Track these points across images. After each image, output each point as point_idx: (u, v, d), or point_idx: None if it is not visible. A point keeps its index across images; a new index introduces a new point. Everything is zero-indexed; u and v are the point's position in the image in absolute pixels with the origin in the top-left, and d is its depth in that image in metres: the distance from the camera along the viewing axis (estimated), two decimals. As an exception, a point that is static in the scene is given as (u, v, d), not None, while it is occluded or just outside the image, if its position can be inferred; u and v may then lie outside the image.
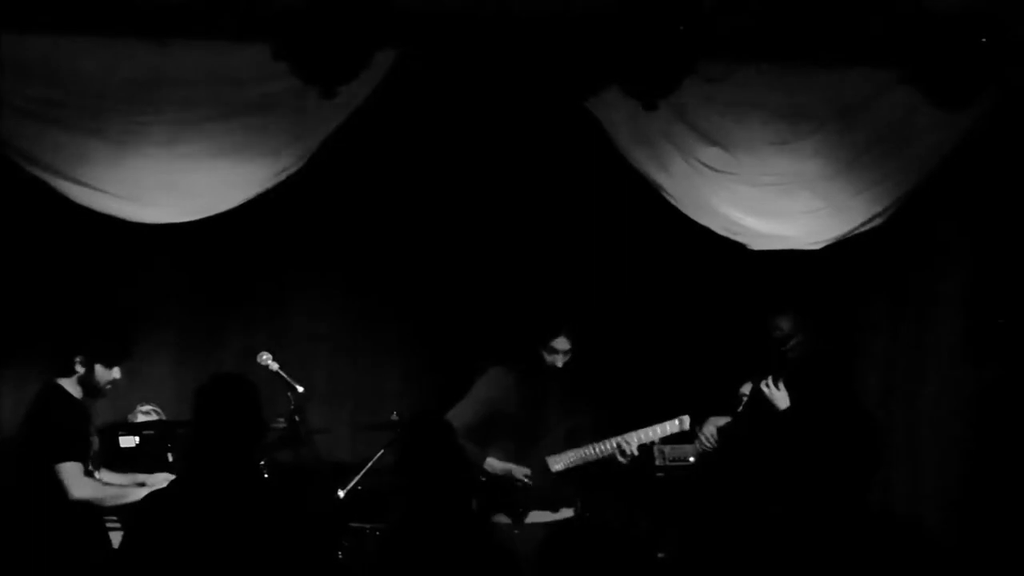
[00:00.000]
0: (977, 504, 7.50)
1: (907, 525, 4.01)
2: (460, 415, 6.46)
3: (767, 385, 6.74)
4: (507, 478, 6.50)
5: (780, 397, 6.70)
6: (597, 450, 6.57)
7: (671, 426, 6.64)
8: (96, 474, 6.06)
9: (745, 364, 7.05)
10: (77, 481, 5.81)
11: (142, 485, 6.00)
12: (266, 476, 6.23)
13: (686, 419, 6.64)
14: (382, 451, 6.52)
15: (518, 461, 6.54)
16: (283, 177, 6.63)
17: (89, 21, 6.27)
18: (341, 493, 6.49)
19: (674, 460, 7.19)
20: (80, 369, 5.97)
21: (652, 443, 6.73)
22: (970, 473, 7.59)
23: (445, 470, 4.24)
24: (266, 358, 6.58)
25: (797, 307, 7.01)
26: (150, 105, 6.41)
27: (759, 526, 6.27)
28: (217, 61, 6.45)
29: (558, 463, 6.56)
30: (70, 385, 5.98)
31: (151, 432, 6.68)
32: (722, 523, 6.64)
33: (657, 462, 7.16)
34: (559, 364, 6.53)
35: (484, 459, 6.50)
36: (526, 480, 6.47)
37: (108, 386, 6.05)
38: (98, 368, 5.98)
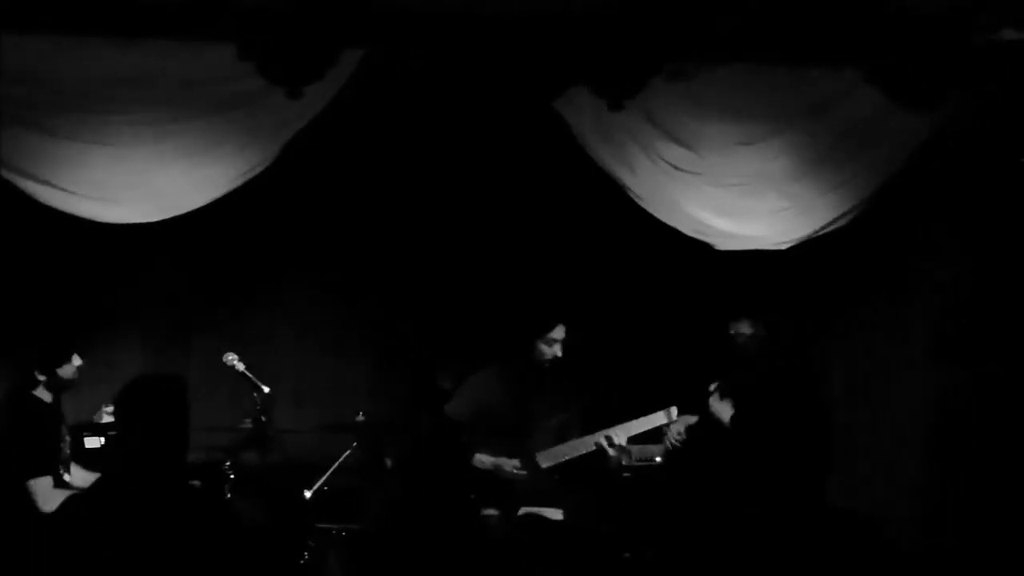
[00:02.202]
0: (943, 505, 7.52)
1: (868, 525, 4.03)
2: (456, 409, 6.52)
3: (713, 398, 6.72)
4: (497, 472, 6.50)
5: (722, 410, 6.67)
6: (586, 443, 6.57)
7: (659, 417, 6.64)
8: (66, 476, 6.07)
9: (719, 363, 7.06)
10: (47, 496, 5.90)
11: None
12: (230, 476, 6.25)
13: (673, 410, 6.63)
14: (348, 452, 6.52)
15: (509, 457, 6.54)
16: (249, 177, 6.63)
17: (55, 20, 6.27)
18: (307, 494, 6.48)
19: (641, 460, 7.19)
20: (42, 377, 6.13)
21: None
22: (936, 474, 7.60)
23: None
24: (232, 358, 6.58)
25: (758, 311, 7.00)
26: (116, 104, 6.41)
27: (723, 525, 6.32)
28: (183, 61, 6.44)
29: (547, 458, 6.57)
30: (40, 391, 6.02)
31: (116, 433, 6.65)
32: (687, 523, 6.66)
33: (624, 462, 7.16)
34: (558, 354, 6.54)
35: (473, 455, 6.51)
36: (516, 472, 6.48)
37: (76, 376, 6.20)
38: (58, 370, 6.11)
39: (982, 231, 7.62)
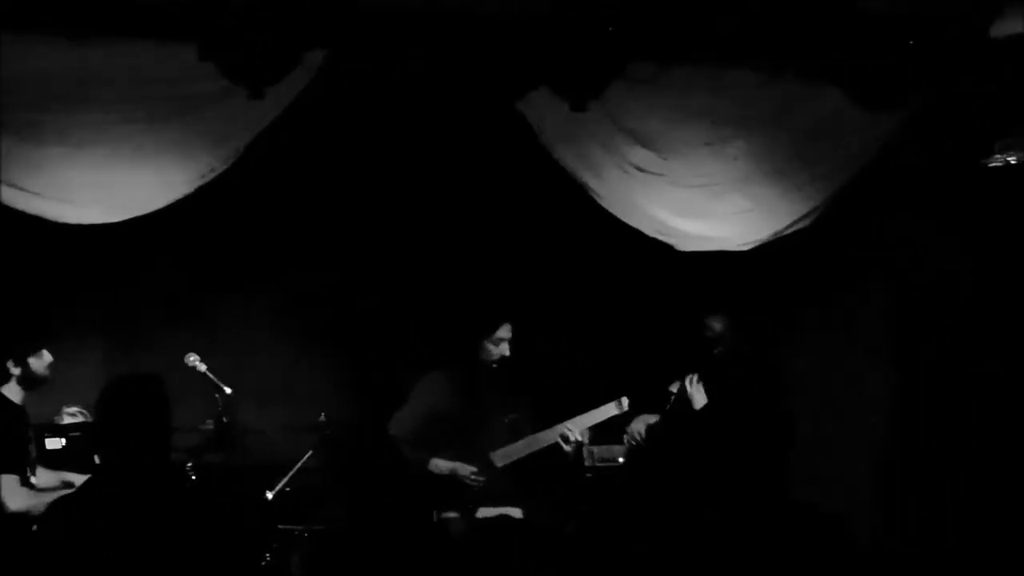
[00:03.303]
0: (904, 502, 7.58)
1: (829, 520, 4.07)
2: (401, 423, 6.53)
3: (689, 383, 6.78)
4: (454, 476, 6.50)
5: (698, 396, 6.74)
6: (539, 440, 6.59)
7: (610, 409, 6.65)
8: (32, 478, 6.04)
9: (677, 362, 7.09)
10: (12, 494, 5.85)
11: (70, 485, 5.98)
12: (192, 478, 6.22)
13: (624, 400, 6.64)
14: (310, 452, 6.52)
15: (464, 460, 6.55)
16: (211, 177, 6.60)
17: (11, 18, 6.21)
18: (269, 495, 6.48)
19: (603, 460, 7.22)
20: (16, 370, 6.06)
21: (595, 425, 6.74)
22: (897, 471, 7.66)
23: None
24: (193, 359, 6.56)
25: (729, 308, 7.05)
26: (76, 105, 6.36)
27: (684, 525, 6.36)
28: (143, 61, 6.39)
29: (501, 458, 6.58)
30: (9, 390, 6.00)
31: (77, 434, 6.63)
32: (649, 523, 6.68)
33: (586, 463, 7.19)
34: (506, 353, 6.54)
35: (429, 461, 6.50)
36: (472, 478, 6.48)
37: (48, 371, 6.14)
38: (31, 361, 6.07)
39: (943, 231, 7.67)
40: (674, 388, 6.93)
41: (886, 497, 7.64)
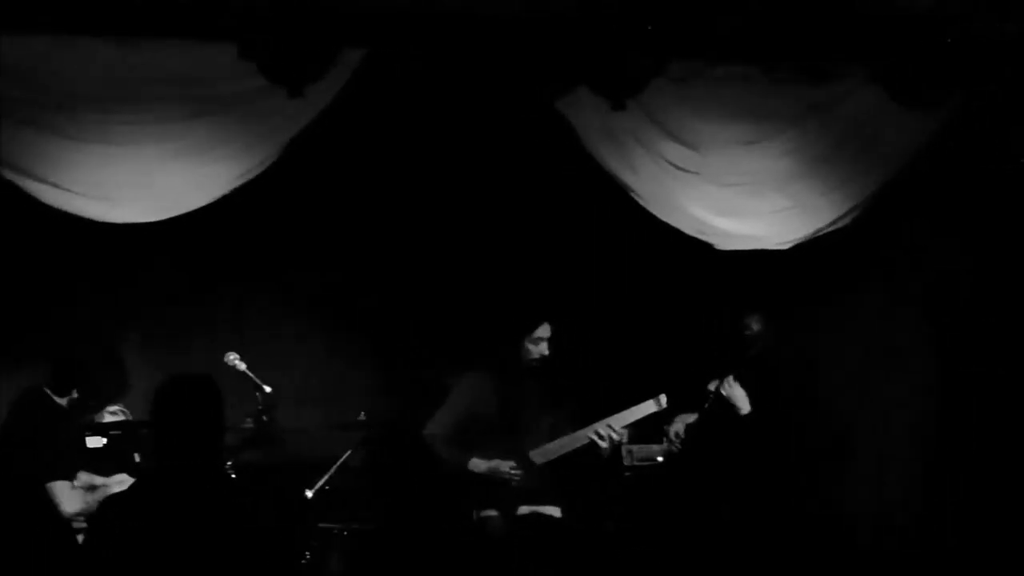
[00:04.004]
0: (939, 506, 7.53)
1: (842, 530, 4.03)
2: (440, 422, 6.51)
3: (727, 384, 6.75)
4: (493, 474, 6.50)
5: (740, 397, 6.71)
6: (578, 438, 6.57)
7: (648, 406, 6.61)
8: (76, 482, 6.12)
9: (713, 360, 7.06)
10: (67, 498, 5.98)
11: (94, 488, 6.11)
12: (232, 477, 6.23)
13: (663, 398, 6.58)
14: (350, 451, 6.52)
15: (503, 458, 6.54)
16: (250, 177, 6.64)
17: (54, 20, 6.27)
18: (309, 493, 6.49)
19: (642, 460, 7.20)
20: (74, 394, 6.26)
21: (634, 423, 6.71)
22: (932, 474, 7.62)
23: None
24: (233, 358, 6.57)
25: (767, 307, 7.03)
26: (117, 104, 6.42)
27: (722, 526, 6.35)
28: (184, 60, 6.44)
29: (540, 456, 6.57)
30: (59, 398, 6.11)
31: (118, 432, 6.65)
32: (689, 522, 6.67)
33: (625, 462, 7.17)
34: (545, 352, 6.53)
35: (469, 460, 6.50)
36: (512, 473, 6.47)
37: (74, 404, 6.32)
38: (56, 399, 6.25)
39: (983, 229, 7.62)
40: (712, 387, 6.91)
41: (926, 501, 7.59)
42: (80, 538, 5.85)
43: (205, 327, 7.48)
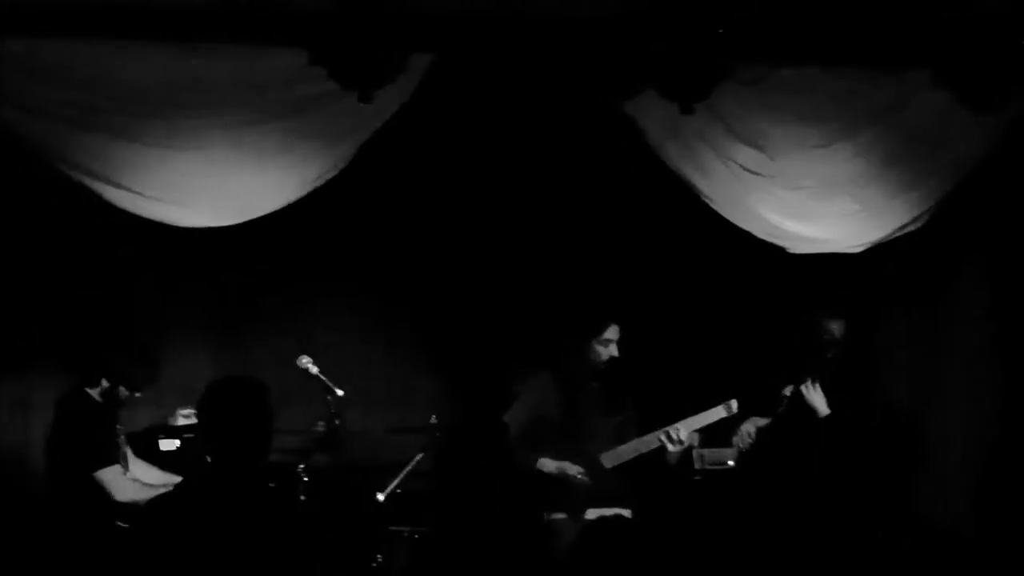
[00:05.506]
0: (1002, 510, 7.44)
1: (946, 534, 3.98)
2: (511, 421, 6.51)
3: (806, 388, 6.69)
4: (561, 476, 6.50)
5: (819, 400, 6.66)
6: (647, 442, 6.56)
7: (718, 411, 6.58)
8: (127, 474, 6.15)
9: (785, 365, 7.01)
10: (120, 485, 5.99)
11: None
12: (304, 480, 6.27)
13: (733, 403, 6.56)
14: (421, 454, 6.54)
15: (570, 461, 6.54)
16: (321, 182, 6.68)
17: (126, 26, 6.35)
18: (380, 496, 6.51)
19: (713, 464, 7.16)
20: (104, 384, 6.19)
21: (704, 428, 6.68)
22: (996, 479, 7.53)
23: (478, 478, 4.16)
24: (306, 361, 6.60)
25: (848, 312, 6.97)
26: (188, 110, 6.47)
27: (797, 530, 6.29)
28: (253, 65, 6.50)
29: (610, 459, 6.56)
30: (95, 393, 6.11)
31: (191, 436, 6.71)
32: (761, 527, 6.63)
33: (696, 466, 7.13)
34: (614, 354, 6.53)
35: (536, 461, 6.51)
36: (580, 477, 6.48)
37: (127, 401, 6.28)
38: (121, 388, 6.20)
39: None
40: (788, 391, 6.85)
41: (989, 505, 7.50)
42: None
43: (271, 330, 7.53)
